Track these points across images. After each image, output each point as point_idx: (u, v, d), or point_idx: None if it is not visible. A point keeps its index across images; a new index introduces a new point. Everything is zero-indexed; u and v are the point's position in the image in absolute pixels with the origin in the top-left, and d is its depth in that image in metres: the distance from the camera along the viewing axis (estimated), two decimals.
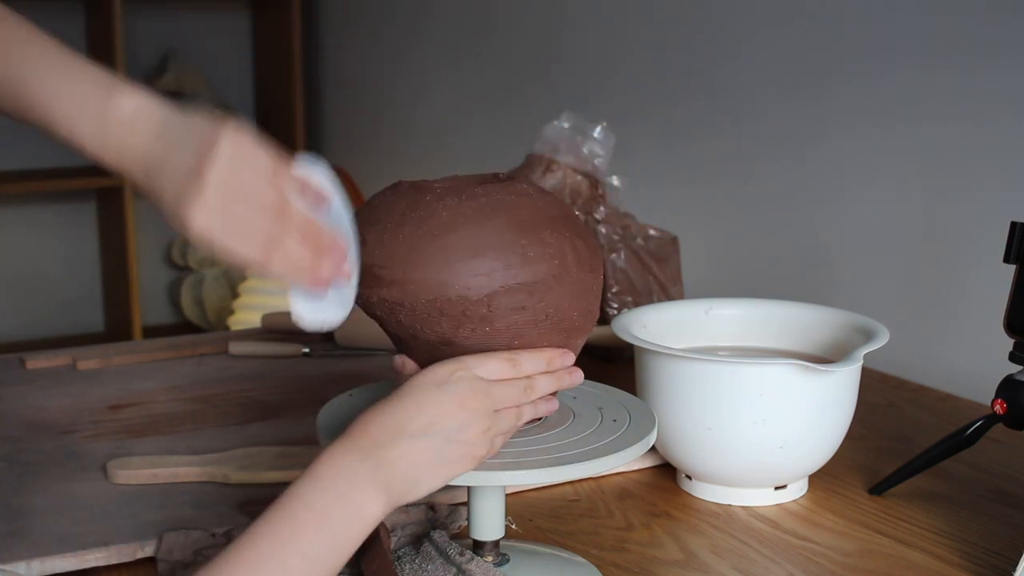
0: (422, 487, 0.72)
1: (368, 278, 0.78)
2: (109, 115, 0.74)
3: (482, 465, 0.76)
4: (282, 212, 0.73)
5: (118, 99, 0.74)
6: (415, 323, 0.78)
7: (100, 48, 2.99)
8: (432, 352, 0.79)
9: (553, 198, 0.82)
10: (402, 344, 0.82)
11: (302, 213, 0.74)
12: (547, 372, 0.79)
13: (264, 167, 0.73)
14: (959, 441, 0.99)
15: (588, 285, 0.80)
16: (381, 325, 0.82)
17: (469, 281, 0.76)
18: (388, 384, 0.92)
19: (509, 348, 0.78)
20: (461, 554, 0.82)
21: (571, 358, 0.80)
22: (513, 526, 0.95)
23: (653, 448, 0.97)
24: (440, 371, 0.75)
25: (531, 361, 0.78)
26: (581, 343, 0.82)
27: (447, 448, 0.72)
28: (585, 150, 1.45)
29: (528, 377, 0.77)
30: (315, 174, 0.77)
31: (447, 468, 0.72)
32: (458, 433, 0.72)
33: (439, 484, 0.73)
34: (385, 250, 0.78)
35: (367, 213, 0.81)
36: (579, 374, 0.81)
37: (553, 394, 0.80)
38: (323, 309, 0.77)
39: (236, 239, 0.71)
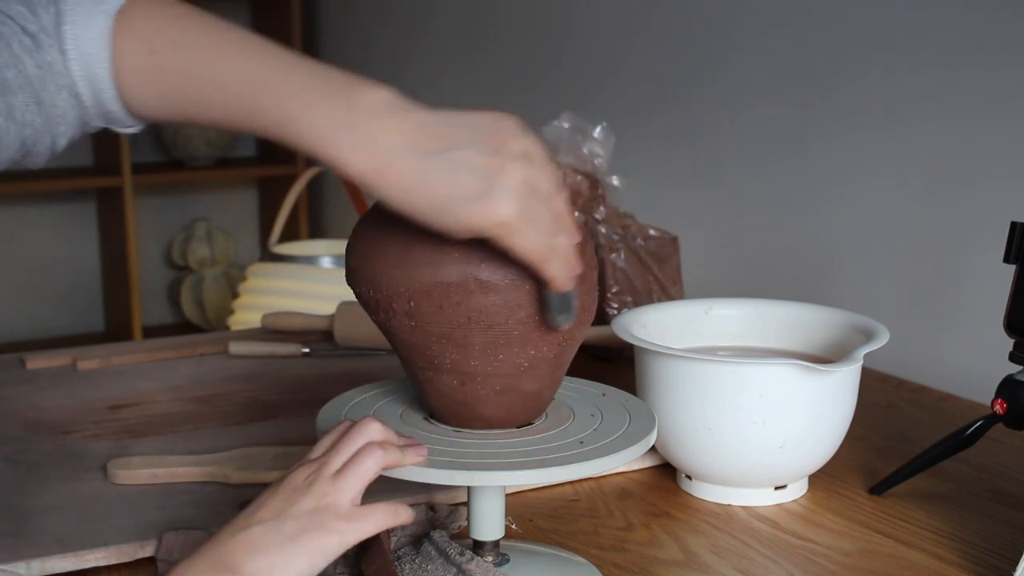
0: (279, 571, 0.69)
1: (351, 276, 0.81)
2: (355, 107, 0.71)
3: (482, 465, 0.76)
4: (555, 202, 0.73)
5: (363, 92, 0.72)
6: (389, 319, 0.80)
7: None
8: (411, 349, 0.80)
9: None
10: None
11: (563, 206, 0.74)
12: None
13: (543, 157, 0.73)
14: (959, 441, 0.99)
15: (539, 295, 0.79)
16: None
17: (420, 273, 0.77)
18: (388, 383, 0.92)
19: (484, 338, 0.78)
20: (461, 554, 0.82)
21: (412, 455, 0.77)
22: (513, 526, 0.95)
23: (653, 448, 0.97)
24: (286, 473, 0.75)
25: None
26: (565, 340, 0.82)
27: (284, 526, 0.70)
28: (585, 150, 1.45)
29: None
30: None
31: (293, 545, 0.70)
32: (291, 508, 0.71)
33: (301, 566, 0.70)
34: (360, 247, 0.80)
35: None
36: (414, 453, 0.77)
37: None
38: (565, 307, 0.78)
39: (528, 230, 0.71)
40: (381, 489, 0.92)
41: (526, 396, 0.82)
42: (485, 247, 0.76)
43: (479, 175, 0.70)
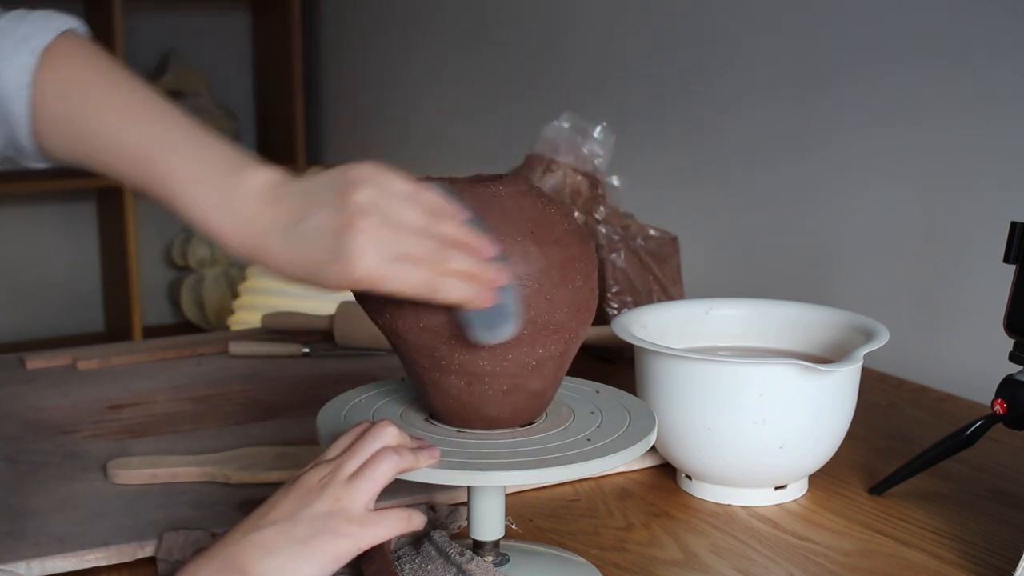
0: (291, 569, 0.70)
1: None
2: (236, 190, 0.74)
3: (482, 465, 0.76)
4: (433, 231, 0.72)
5: (247, 174, 0.75)
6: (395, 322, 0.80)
7: None
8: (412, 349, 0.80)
9: (533, 201, 0.81)
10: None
11: (452, 226, 0.73)
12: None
13: (403, 190, 0.72)
14: (959, 441, 0.99)
15: (545, 293, 0.79)
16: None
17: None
18: (388, 383, 0.92)
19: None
20: (461, 554, 0.82)
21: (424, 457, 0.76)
22: (513, 526, 0.95)
23: (653, 448, 0.97)
24: (300, 472, 0.75)
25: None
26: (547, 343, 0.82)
27: (296, 529, 0.70)
28: (585, 150, 1.45)
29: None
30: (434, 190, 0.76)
31: (305, 548, 0.70)
32: (304, 511, 0.71)
33: (312, 568, 0.70)
34: None
35: None
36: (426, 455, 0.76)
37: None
38: (498, 320, 0.76)
39: (403, 270, 0.71)
40: (382, 488, 0.92)
41: (531, 395, 0.82)
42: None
43: (328, 238, 0.71)
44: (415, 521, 0.75)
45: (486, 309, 0.74)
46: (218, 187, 0.74)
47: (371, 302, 0.81)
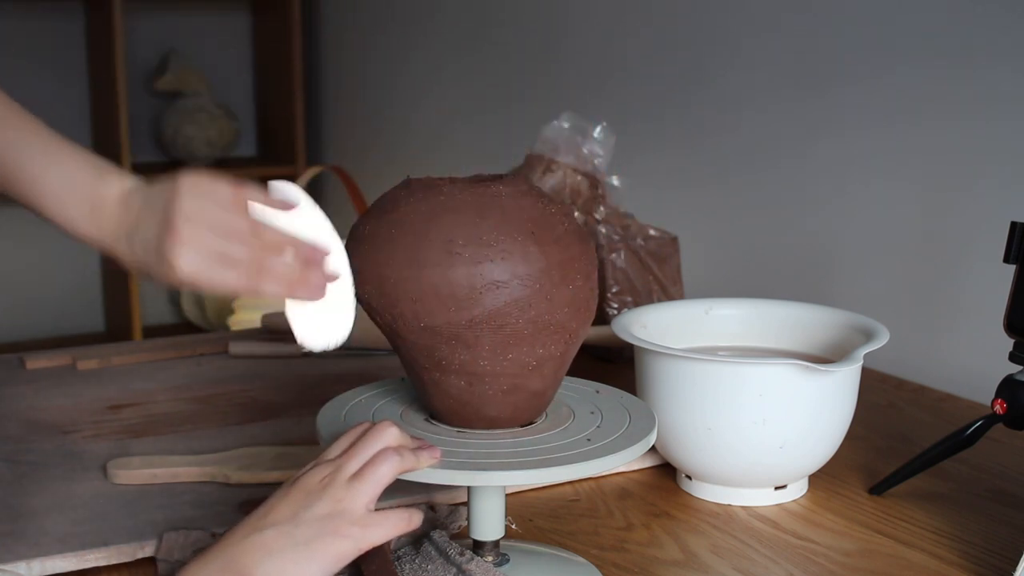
0: (292, 571, 0.70)
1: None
2: (98, 197, 0.80)
3: (482, 465, 0.76)
4: (255, 234, 0.77)
5: (107, 182, 0.81)
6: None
7: (100, 48, 2.99)
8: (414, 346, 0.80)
9: (533, 201, 0.81)
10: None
11: (275, 230, 0.78)
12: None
13: (225, 197, 0.77)
14: (959, 441, 0.99)
15: (545, 293, 0.79)
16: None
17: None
18: (388, 383, 0.92)
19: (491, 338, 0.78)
20: (461, 554, 0.82)
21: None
22: (513, 526, 0.95)
23: (653, 448, 0.97)
24: (300, 472, 0.76)
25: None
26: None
27: (297, 530, 0.71)
28: (585, 150, 1.45)
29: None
30: (281, 190, 0.81)
31: (306, 550, 0.70)
32: (305, 512, 0.71)
33: (312, 570, 0.70)
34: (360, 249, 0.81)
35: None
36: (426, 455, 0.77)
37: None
38: (326, 325, 0.79)
39: (221, 272, 0.77)
40: (384, 489, 0.92)
41: (532, 395, 0.82)
42: (493, 246, 0.76)
43: (155, 243, 0.77)
44: (415, 520, 0.75)
45: (312, 316, 0.79)
46: (81, 199, 0.80)
47: (368, 302, 0.81)
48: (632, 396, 0.90)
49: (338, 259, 0.80)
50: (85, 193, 0.80)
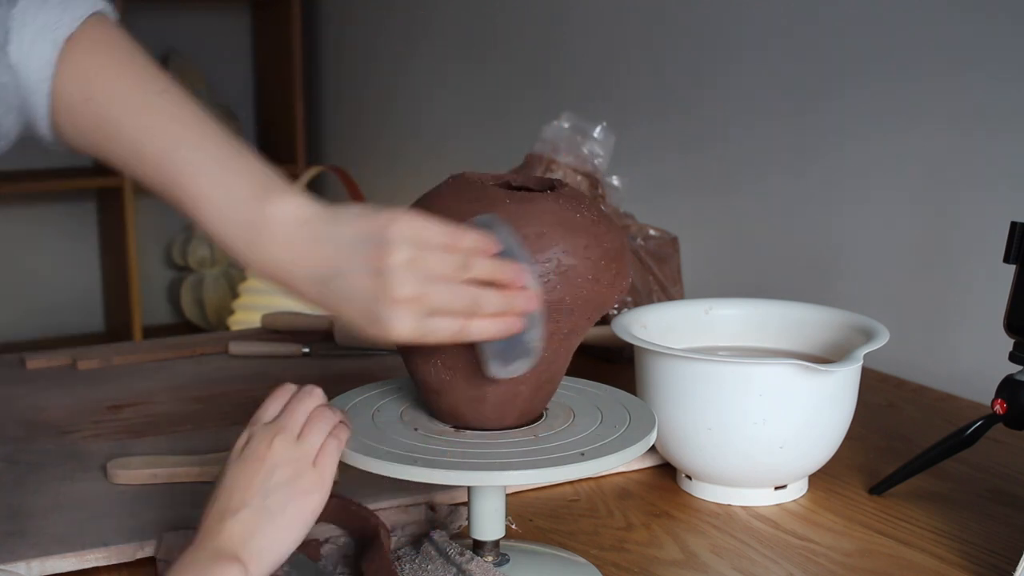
0: (276, 546, 0.71)
1: None
2: (263, 223, 0.73)
3: (482, 465, 0.76)
4: (467, 268, 0.71)
5: (274, 204, 0.73)
6: None
7: None
8: None
9: (567, 206, 0.81)
10: None
11: (482, 269, 0.72)
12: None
13: (441, 244, 0.71)
14: (959, 441, 0.99)
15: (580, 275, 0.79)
16: None
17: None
18: (388, 383, 0.92)
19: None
20: (461, 554, 0.82)
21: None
22: (513, 526, 0.95)
23: (653, 448, 0.97)
24: (238, 442, 0.76)
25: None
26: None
27: (268, 502, 0.71)
28: (585, 150, 1.45)
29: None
30: (481, 222, 0.75)
31: (283, 518, 0.71)
32: (269, 483, 0.72)
33: (293, 533, 0.71)
34: None
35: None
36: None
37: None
38: (514, 355, 0.75)
39: (437, 325, 0.71)
40: (382, 489, 0.92)
41: (531, 395, 0.82)
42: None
43: (364, 302, 0.71)
44: (343, 435, 0.76)
45: (504, 343, 0.74)
46: (244, 219, 0.74)
47: None
48: (632, 396, 0.90)
49: (531, 276, 0.75)
50: (247, 219, 0.73)
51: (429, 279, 0.70)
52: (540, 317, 0.75)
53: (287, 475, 0.72)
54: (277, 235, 0.73)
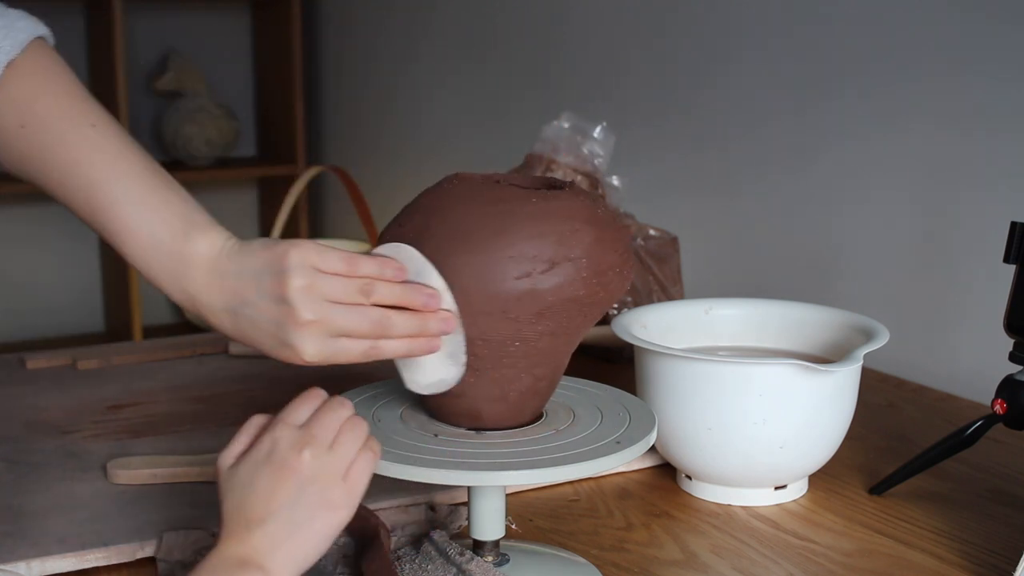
0: (301, 558, 0.70)
1: None
2: (184, 256, 0.78)
3: (482, 465, 0.76)
4: (369, 292, 0.75)
5: (193, 240, 0.78)
6: None
7: (100, 48, 2.98)
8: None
9: (578, 205, 0.81)
10: None
11: (387, 285, 0.76)
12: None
13: (338, 269, 0.75)
14: (959, 441, 0.99)
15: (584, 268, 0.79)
16: None
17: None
18: (388, 383, 0.92)
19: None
20: (461, 554, 0.82)
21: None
22: (513, 526, 0.95)
23: (653, 448, 0.97)
24: (263, 440, 0.74)
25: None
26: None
27: (295, 513, 0.70)
28: (585, 150, 1.45)
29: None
30: (385, 250, 0.79)
31: (309, 531, 0.70)
32: (301, 496, 0.71)
33: (319, 546, 0.71)
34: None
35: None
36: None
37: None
38: (435, 368, 0.78)
39: (346, 347, 0.76)
40: (382, 489, 0.92)
41: (530, 395, 0.82)
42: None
43: (269, 328, 0.77)
44: (376, 447, 0.75)
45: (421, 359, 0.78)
46: (168, 253, 0.78)
47: None
48: (632, 396, 0.90)
49: (447, 297, 0.77)
50: (170, 250, 0.78)
51: (329, 303, 0.75)
52: (460, 336, 0.77)
53: (317, 488, 0.71)
54: (196, 275, 0.78)
